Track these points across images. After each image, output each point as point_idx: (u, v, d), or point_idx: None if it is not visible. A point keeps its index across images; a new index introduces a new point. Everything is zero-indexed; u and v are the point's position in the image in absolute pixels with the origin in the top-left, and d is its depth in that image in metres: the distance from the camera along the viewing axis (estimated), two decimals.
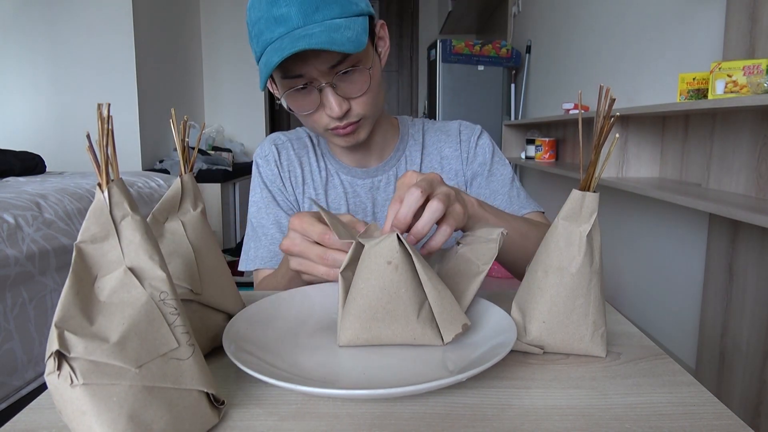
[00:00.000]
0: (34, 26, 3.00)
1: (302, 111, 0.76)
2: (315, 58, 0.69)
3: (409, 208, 0.53)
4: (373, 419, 0.38)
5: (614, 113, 0.46)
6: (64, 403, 0.32)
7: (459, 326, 0.46)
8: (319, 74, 0.71)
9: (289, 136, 0.93)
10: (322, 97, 0.73)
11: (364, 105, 0.76)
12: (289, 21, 0.68)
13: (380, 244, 0.46)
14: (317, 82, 0.72)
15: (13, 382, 1.33)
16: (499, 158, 0.93)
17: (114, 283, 0.35)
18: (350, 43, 0.66)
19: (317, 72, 0.70)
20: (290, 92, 0.74)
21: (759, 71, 1.33)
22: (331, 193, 0.90)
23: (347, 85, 0.73)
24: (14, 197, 1.52)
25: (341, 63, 0.71)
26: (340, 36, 0.66)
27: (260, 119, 4.33)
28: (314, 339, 0.50)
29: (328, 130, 0.77)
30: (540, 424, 0.37)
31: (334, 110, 0.73)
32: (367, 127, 0.80)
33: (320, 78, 0.71)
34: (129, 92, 3.05)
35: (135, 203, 0.37)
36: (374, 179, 0.90)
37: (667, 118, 1.97)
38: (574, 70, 2.93)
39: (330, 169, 0.91)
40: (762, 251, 1.46)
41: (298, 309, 0.55)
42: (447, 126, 0.95)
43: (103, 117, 0.34)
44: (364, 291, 0.46)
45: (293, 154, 0.91)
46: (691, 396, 0.41)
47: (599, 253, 0.47)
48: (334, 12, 0.69)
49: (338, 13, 0.69)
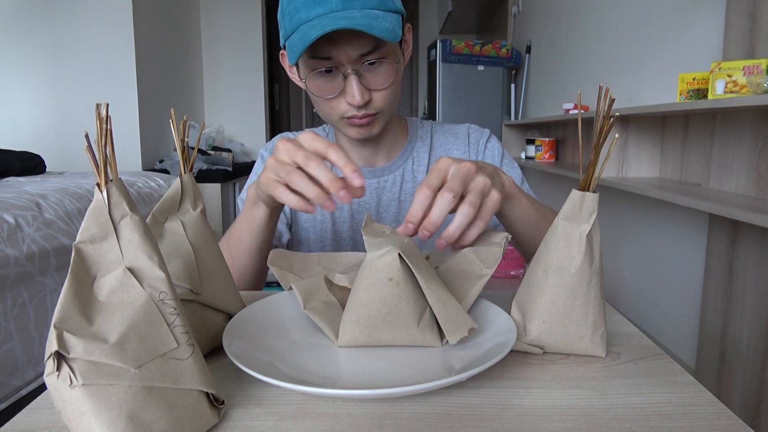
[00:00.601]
0: (35, 26, 3.00)
1: (323, 95, 0.76)
2: (347, 43, 0.70)
3: (420, 207, 0.52)
4: (373, 419, 0.38)
5: (614, 113, 0.46)
6: (63, 403, 0.32)
7: (465, 330, 0.45)
8: (347, 60, 0.72)
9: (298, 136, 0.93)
10: (346, 84, 0.74)
11: (384, 99, 0.77)
12: (329, 3, 0.69)
13: (381, 259, 0.45)
14: (343, 68, 0.73)
15: (13, 382, 1.33)
16: (508, 161, 0.94)
17: (113, 284, 0.35)
18: (388, 33, 0.68)
19: (346, 57, 0.71)
20: (314, 74, 0.74)
21: (759, 71, 1.33)
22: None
23: (372, 76, 0.74)
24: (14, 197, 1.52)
25: (371, 53, 0.72)
26: (379, 24, 0.68)
27: (260, 119, 4.33)
28: (314, 339, 0.50)
29: (343, 118, 0.78)
30: (540, 424, 0.37)
31: (356, 98, 0.73)
32: (381, 122, 0.80)
33: (347, 64, 0.72)
34: (129, 92, 3.05)
35: (134, 203, 0.37)
36: (380, 179, 0.90)
37: (667, 118, 1.97)
38: (574, 70, 2.93)
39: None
40: (762, 251, 1.46)
41: (299, 309, 0.54)
42: (456, 129, 0.96)
43: (102, 117, 0.34)
44: (364, 301, 0.46)
45: None
46: (691, 396, 0.41)
47: (599, 253, 0.47)
48: (372, 3, 0.70)
49: (376, 5, 0.71)
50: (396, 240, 0.47)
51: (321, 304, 0.52)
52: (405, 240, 0.48)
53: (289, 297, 0.56)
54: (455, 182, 0.53)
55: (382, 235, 0.50)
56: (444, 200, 0.52)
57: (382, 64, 0.74)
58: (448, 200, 0.52)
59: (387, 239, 0.47)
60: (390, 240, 0.47)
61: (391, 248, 0.45)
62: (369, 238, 0.47)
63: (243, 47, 4.18)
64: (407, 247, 0.47)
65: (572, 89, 2.94)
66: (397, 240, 0.47)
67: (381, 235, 0.49)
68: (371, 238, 0.47)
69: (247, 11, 4.18)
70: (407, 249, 0.46)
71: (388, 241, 0.46)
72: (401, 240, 0.47)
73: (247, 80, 4.23)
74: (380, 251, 0.45)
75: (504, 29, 4.36)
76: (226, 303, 0.51)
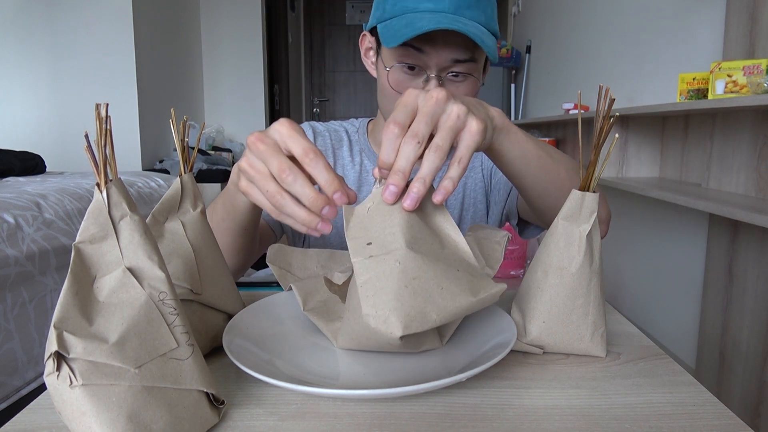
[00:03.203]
0: (35, 26, 3.00)
1: (400, 89, 0.76)
2: (444, 46, 0.71)
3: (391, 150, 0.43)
4: (373, 419, 0.38)
5: (614, 113, 0.46)
6: (63, 403, 0.32)
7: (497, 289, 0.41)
8: (438, 62, 0.72)
9: (327, 127, 0.93)
10: (426, 86, 0.74)
11: None
12: (441, 3, 0.69)
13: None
14: (430, 71, 0.73)
15: (13, 382, 1.33)
16: None
17: (113, 284, 0.35)
18: (491, 50, 0.68)
19: (438, 59, 0.72)
20: (398, 67, 0.74)
21: (759, 71, 1.33)
22: (363, 189, 0.90)
23: (453, 88, 0.75)
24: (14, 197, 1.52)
25: (462, 63, 0.73)
26: (486, 39, 0.68)
27: (260, 119, 4.32)
28: (314, 339, 0.50)
29: None
30: (540, 424, 0.37)
31: None
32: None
33: (435, 68, 0.73)
34: (129, 92, 3.05)
35: (134, 203, 0.37)
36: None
37: (667, 118, 1.97)
38: (574, 70, 2.93)
39: (366, 165, 0.90)
40: (762, 251, 1.46)
41: (298, 309, 0.54)
42: None
43: (101, 117, 0.34)
44: (356, 301, 0.42)
45: (329, 144, 0.91)
46: (691, 396, 0.41)
47: (599, 253, 0.47)
48: (480, 18, 0.71)
49: (483, 21, 0.71)
50: (383, 237, 0.42)
51: (321, 305, 0.52)
52: (393, 228, 0.42)
53: (289, 297, 0.56)
54: (421, 122, 0.44)
55: (367, 230, 0.43)
56: (408, 147, 0.43)
57: (466, 79, 0.75)
58: (412, 147, 0.43)
59: (375, 240, 0.42)
60: (377, 241, 0.42)
61: (382, 255, 0.41)
62: (354, 243, 0.42)
63: (243, 47, 4.18)
64: (395, 239, 0.41)
65: (572, 89, 2.94)
66: (385, 236, 0.42)
67: (366, 231, 0.43)
68: (357, 243, 0.42)
69: (248, 11, 4.18)
70: (395, 242, 0.41)
71: (376, 242, 0.42)
72: (391, 230, 0.42)
73: (247, 80, 4.22)
74: (370, 257, 0.41)
75: (504, 29, 4.36)
76: (226, 303, 0.51)
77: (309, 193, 0.42)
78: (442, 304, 0.39)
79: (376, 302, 0.39)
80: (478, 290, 0.41)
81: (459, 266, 0.42)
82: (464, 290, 0.40)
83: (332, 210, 0.43)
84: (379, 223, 0.43)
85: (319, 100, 5.88)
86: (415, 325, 0.38)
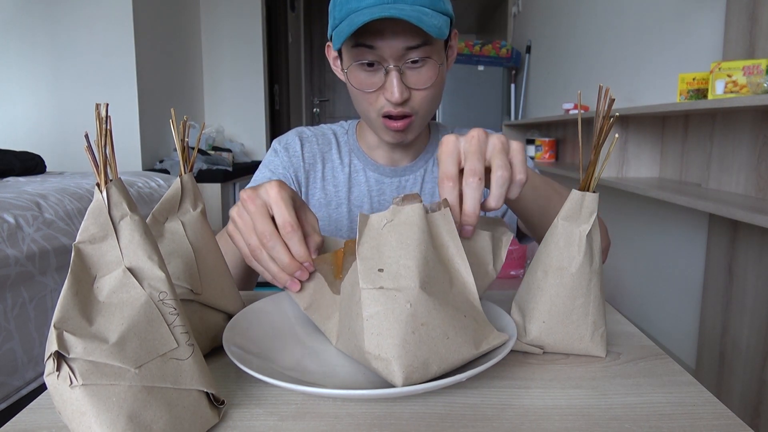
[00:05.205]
0: (35, 26, 3.00)
1: (363, 88, 0.76)
2: (393, 36, 0.70)
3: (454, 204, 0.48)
4: (373, 419, 0.38)
5: (614, 113, 0.46)
6: (63, 403, 0.32)
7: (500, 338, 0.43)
8: (391, 53, 0.71)
9: (315, 131, 0.93)
10: (386, 80, 0.73)
11: (423, 100, 0.76)
12: None
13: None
14: (386, 63, 0.72)
15: (13, 382, 1.33)
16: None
17: (113, 284, 0.35)
18: (435, 29, 0.67)
19: (390, 50, 0.71)
20: (356, 66, 0.74)
21: (759, 71, 1.33)
22: (354, 190, 0.89)
23: (414, 75, 0.74)
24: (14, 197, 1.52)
25: (415, 49, 0.71)
26: (428, 20, 0.67)
27: (260, 119, 4.32)
28: (314, 339, 0.50)
29: (380, 118, 0.77)
30: (540, 424, 0.37)
31: (394, 95, 0.73)
32: (416, 128, 0.80)
33: (390, 59, 0.72)
34: (129, 92, 3.05)
35: (134, 203, 0.37)
36: (402, 178, 0.90)
37: (667, 118, 1.97)
38: (574, 70, 2.93)
39: (356, 165, 0.90)
40: (762, 251, 1.46)
41: (298, 309, 0.54)
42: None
43: (101, 117, 0.34)
44: (358, 327, 0.42)
45: (317, 149, 0.91)
46: (691, 396, 0.41)
47: (599, 253, 0.47)
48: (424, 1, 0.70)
49: (428, 3, 0.71)
50: (397, 268, 0.41)
51: (321, 305, 0.52)
52: (410, 251, 0.42)
53: (289, 297, 0.56)
54: (474, 160, 0.48)
55: (380, 252, 0.43)
56: (472, 188, 0.47)
57: (425, 63, 0.73)
58: (476, 186, 0.47)
59: (387, 268, 0.42)
60: (390, 270, 0.41)
61: (393, 290, 0.40)
62: (365, 266, 0.42)
63: (243, 47, 4.18)
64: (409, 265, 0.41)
65: (572, 89, 2.94)
66: (399, 267, 0.41)
67: (379, 253, 0.43)
68: (368, 267, 0.42)
69: (248, 11, 4.18)
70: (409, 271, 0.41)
71: (389, 271, 0.41)
72: (406, 263, 0.42)
73: (247, 80, 4.22)
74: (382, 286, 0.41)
75: (504, 29, 4.36)
76: (226, 303, 0.51)
77: (284, 259, 0.49)
78: (445, 356, 0.40)
79: (380, 343, 0.39)
80: (480, 342, 0.42)
81: (466, 311, 0.43)
82: (468, 342, 0.41)
83: (303, 273, 0.50)
84: (394, 248, 0.43)
85: (319, 100, 5.88)
86: (416, 377, 0.38)
